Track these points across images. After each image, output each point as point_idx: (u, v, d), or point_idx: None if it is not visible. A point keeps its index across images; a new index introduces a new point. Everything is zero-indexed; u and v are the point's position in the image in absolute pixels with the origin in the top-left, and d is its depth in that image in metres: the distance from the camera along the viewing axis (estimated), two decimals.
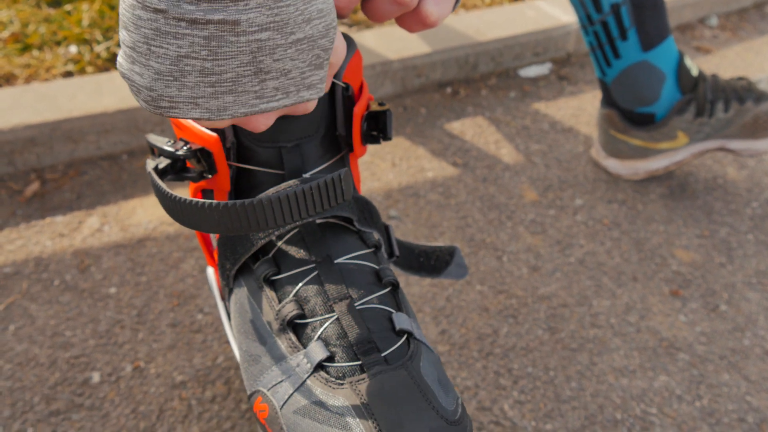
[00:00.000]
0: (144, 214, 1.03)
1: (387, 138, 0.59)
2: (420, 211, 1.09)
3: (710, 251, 1.07)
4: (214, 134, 0.53)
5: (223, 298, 0.63)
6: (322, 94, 0.41)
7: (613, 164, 1.21)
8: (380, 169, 1.18)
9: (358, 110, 0.56)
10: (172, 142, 0.55)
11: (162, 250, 0.97)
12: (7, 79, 1.21)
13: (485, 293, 0.95)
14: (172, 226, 1.01)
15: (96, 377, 0.80)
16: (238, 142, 0.56)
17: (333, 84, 0.55)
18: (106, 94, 1.14)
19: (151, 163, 0.55)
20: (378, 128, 0.59)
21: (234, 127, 0.54)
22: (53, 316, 0.87)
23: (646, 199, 1.17)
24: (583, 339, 0.90)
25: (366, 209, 0.63)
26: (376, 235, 0.60)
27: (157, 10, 0.36)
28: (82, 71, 1.26)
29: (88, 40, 1.32)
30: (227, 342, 0.85)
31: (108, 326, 0.86)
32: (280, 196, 0.42)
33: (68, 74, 1.25)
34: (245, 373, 0.55)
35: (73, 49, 1.30)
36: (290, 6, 0.38)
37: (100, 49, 1.30)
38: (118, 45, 1.33)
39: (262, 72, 0.39)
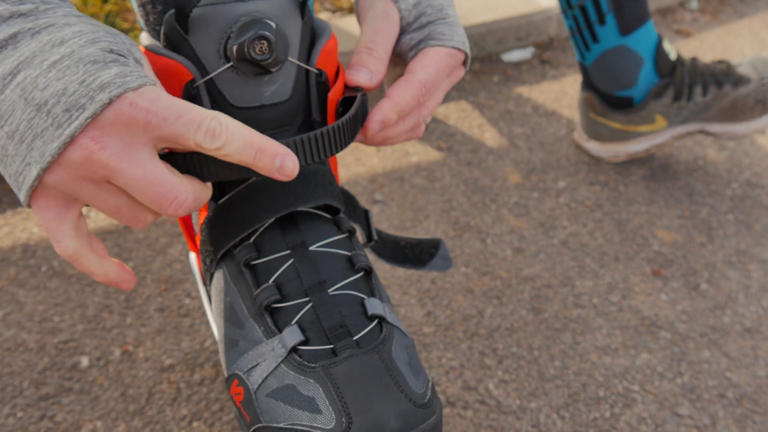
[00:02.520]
0: None
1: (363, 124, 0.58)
2: (405, 195, 1.10)
3: (691, 231, 1.09)
4: None
5: (205, 284, 0.64)
6: (132, 84, 0.41)
7: (595, 147, 1.22)
8: (365, 154, 1.19)
9: (333, 96, 0.56)
10: None
11: (149, 236, 0.98)
12: None
13: (470, 275, 0.96)
14: None
15: (85, 361, 0.81)
16: None
17: (306, 71, 0.55)
18: None
19: None
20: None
21: None
22: (41, 302, 0.87)
23: (627, 181, 1.18)
24: (566, 319, 0.91)
25: (347, 199, 0.64)
26: (349, 222, 0.60)
27: None
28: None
29: None
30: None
31: (96, 311, 0.87)
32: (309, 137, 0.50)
33: None
34: (223, 356, 0.55)
35: None
36: (30, 44, 0.41)
37: None
38: None
39: (41, 106, 0.40)
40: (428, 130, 1.27)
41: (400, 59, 0.64)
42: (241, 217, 0.55)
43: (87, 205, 0.46)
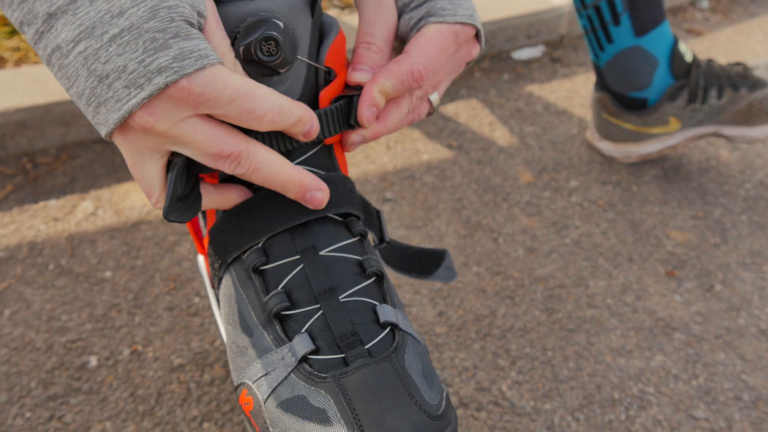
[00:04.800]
0: (138, 198, 1.03)
1: (353, 123, 0.56)
2: (416, 194, 1.09)
3: (705, 232, 1.07)
4: None
5: (213, 286, 0.62)
6: (188, 70, 0.42)
7: (607, 147, 1.21)
8: (375, 152, 1.18)
9: (325, 94, 0.54)
10: None
11: (157, 234, 0.97)
12: None
13: (482, 275, 0.95)
14: None
15: (93, 361, 0.80)
16: None
17: (315, 69, 0.54)
18: None
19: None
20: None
21: None
22: (49, 301, 0.86)
23: (640, 181, 1.17)
24: (580, 319, 0.90)
25: (363, 205, 0.63)
26: (361, 224, 0.59)
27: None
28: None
29: None
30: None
31: (104, 310, 0.86)
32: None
33: None
34: (232, 364, 0.54)
35: None
36: (90, 12, 0.41)
37: None
38: None
39: (102, 78, 0.42)
40: (438, 127, 1.25)
41: (402, 42, 0.60)
42: (253, 223, 0.54)
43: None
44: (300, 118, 0.49)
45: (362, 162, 1.15)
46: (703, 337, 0.89)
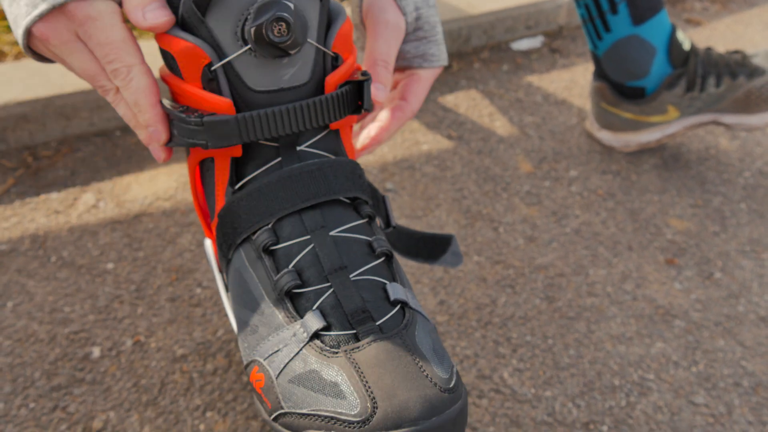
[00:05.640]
0: (139, 190, 1.03)
1: (366, 109, 0.58)
2: (416, 184, 1.09)
3: (704, 220, 1.08)
4: (228, 99, 0.52)
5: (220, 270, 0.63)
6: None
7: (606, 136, 1.21)
8: None
9: (332, 79, 0.55)
10: (184, 108, 0.54)
11: (158, 226, 0.97)
12: None
13: (482, 264, 0.96)
14: (167, 201, 1.01)
15: (96, 352, 0.80)
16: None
17: (323, 54, 0.55)
18: None
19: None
20: (361, 98, 0.59)
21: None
22: (51, 293, 0.87)
23: (640, 170, 1.17)
24: (580, 308, 0.90)
25: (371, 191, 0.64)
26: (369, 207, 0.60)
27: None
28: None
29: None
30: (227, 315, 0.85)
31: (107, 301, 0.86)
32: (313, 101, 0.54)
33: None
34: (242, 342, 0.55)
35: None
36: None
37: None
38: None
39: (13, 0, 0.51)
40: (438, 118, 1.26)
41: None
42: (263, 205, 0.54)
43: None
44: (146, 122, 0.55)
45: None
46: (702, 324, 0.90)
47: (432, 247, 0.72)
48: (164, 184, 1.04)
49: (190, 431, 0.73)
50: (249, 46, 0.50)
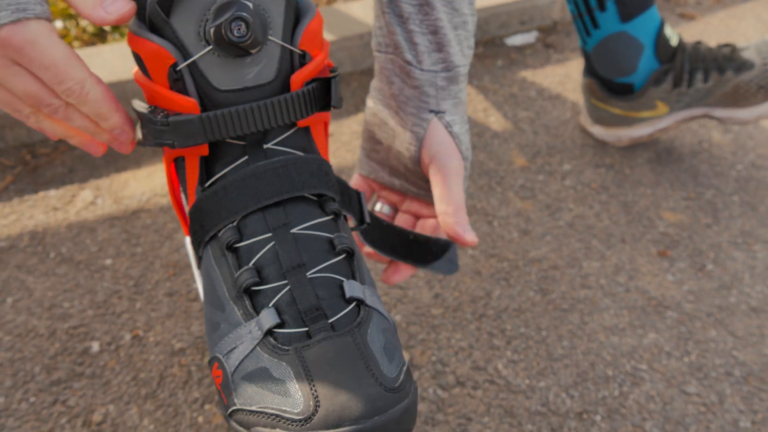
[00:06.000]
0: (137, 187, 1.04)
1: (334, 105, 0.58)
2: None
3: (696, 213, 1.09)
4: (192, 98, 0.53)
5: (198, 267, 0.64)
6: (3, 21, 0.46)
7: (599, 131, 1.22)
8: None
9: (297, 77, 0.55)
10: (152, 108, 0.55)
11: (156, 222, 0.98)
12: None
13: (477, 257, 0.97)
14: (164, 197, 1.02)
15: (95, 346, 0.81)
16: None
17: (290, 51, 0.55)
18: (94, 67, 1.13)
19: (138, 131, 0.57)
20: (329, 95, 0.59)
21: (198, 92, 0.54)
22: (50, 288, 0.88)
23: (633, 163, 1.19)
24: (573, 300, 0.92)
25: (341, 187, 0.64)
26: (336, 204, 0.60)
27: None
28: (68, 46, 1.26)
29: (73, 15, 1.32)
30: None
31: (105, 297, 0.87)
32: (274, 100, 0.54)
33: None
34: (208, 339, 0.55)
35: (59, 23, 1.30)
36: None
37: (86, 23, 1.29)
38: None
39: None
40: None
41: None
42: (229, 202, 0.55)
43: None
44: (111, 126, 0.55)
45: (358, 148, 1.16)
46: (694, 315, 0.91)
47: (426, 251, 0.72)
48: (161, 181, 1.05)
49: (189, 423, 0.74)
50: (211, 46, 0.51)
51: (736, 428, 0.78)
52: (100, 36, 1.30)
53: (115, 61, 1.16)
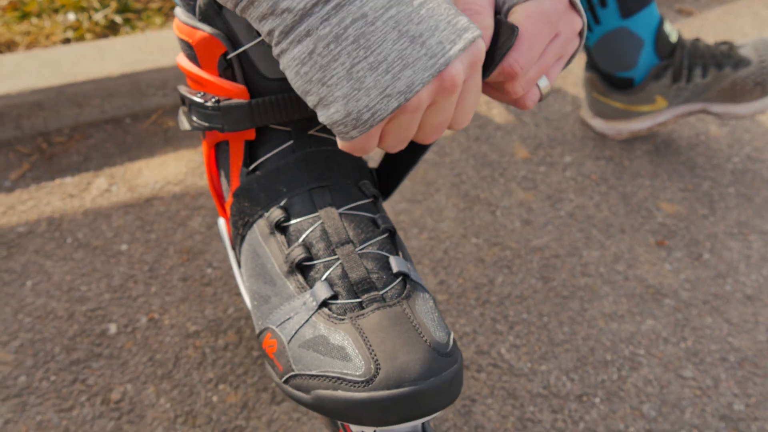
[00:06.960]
0: (150, 175, 1.07)
1: None
2: (416, 170, 1.13)
3: (693, 204, 1.12)
4: (242, 85, 0.57)
5: (233, 247, 0.67)
6: (478, 33, 0.45)
7: (599, 124, 1.25)
8: None
9: None
10: (202, 94, 0.58)
11: (169, 209, 1.01)
12: (8, 46, 1.24)
13: (480, 246, 1.00)
14: (177, 185, 1.05)
15: (113, 328, 0.84)
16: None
17: None
18: (108, 59, 1.17)
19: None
20: None
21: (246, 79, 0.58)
22: (68, 272, 0.91)
23: (632, 156, 1.21)
24: (574, 287, 0.95)
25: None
26: (374, 187, 0.64)
27: (308, 52, 0.44)
28: (80, 38, 1.28)
29: (85, 8, 1.34)
30: (237, 294, 0.89)
31: (122, 281, 0.90)
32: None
33: (67, 41, 1.27)
34: (255, 312, 0.59)
35: (71, 16, 1.32)
36: None
37: (98, 16, 1.32)
38: (116, 12, 1.35)
39: (415, 38, 0.44)
40: None
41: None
42: (276, 185, 0.59)
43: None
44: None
45: None
46: (691, 303, 0.94)
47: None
48: (174, 170, 1.08)
49: (204, 402, 0.77)
50: (262, 36, 0.54)
51: (731, 411, 0.81)
52: (112, 28, 1.32)
53: (127, 54, 1.19)
